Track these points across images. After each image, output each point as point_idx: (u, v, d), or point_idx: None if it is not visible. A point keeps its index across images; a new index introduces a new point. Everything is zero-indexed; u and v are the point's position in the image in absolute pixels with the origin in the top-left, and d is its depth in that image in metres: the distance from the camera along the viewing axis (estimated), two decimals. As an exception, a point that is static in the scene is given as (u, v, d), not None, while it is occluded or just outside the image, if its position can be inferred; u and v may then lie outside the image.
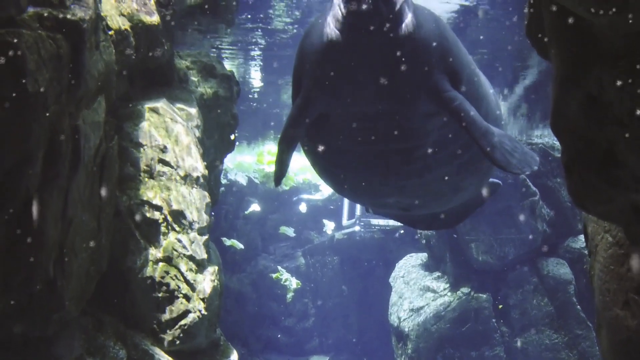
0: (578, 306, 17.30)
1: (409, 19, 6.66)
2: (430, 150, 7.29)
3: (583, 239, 16.93)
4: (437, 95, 6.86)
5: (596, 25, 3.49)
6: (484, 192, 9.48)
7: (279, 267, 22.69)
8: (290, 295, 22.37)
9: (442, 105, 6.91)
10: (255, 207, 23.01)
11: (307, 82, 7.08)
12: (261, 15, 13.28)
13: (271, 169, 23.61)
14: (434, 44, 6.86)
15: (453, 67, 7.09)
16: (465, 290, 17.96)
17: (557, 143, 18.15)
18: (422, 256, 20.10)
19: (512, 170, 6.94)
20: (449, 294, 18.19)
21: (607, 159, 3.67)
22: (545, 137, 19.46)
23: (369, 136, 7.11)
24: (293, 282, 22.31)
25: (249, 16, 13.04)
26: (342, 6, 6.43)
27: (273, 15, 13.40)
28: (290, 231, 22.60)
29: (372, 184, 7.81)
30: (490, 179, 9.26)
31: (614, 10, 3.24)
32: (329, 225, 23.79)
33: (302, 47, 7.23)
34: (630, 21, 3.21)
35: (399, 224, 22.12)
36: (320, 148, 7.57)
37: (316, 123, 7.27)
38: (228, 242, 20.29)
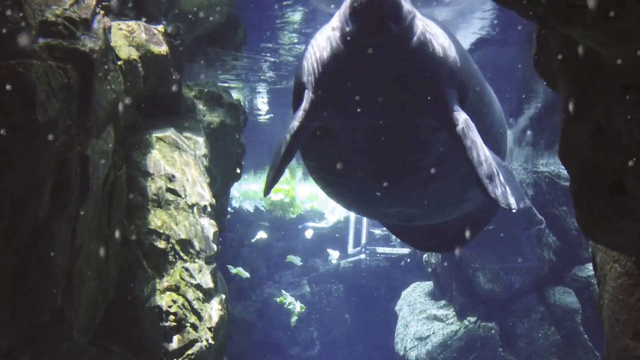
0: (585, 335, 17.23)
1: (418, 33, 6.54)
2: (435, 162, 7.20)
3: (590, 268, 16.93)
4: (443, 112, 6.75)
5: (604, 56, 3.52)
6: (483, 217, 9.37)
7: (283, 291, 22.67)
8: (294, 318, 22.33)
9: (446, 125, 6.80)
10: (262, 235, 23.02)
11: (310, 94, 6.96)
12: (269, 45, 13.35)
13: (278, 197, 23.68)
14: (444, 58, 6.74)
15: (461, 80, 6.98)
16: (471, 319, 17.90)
17: (563, 171, 18.22)
18: (428, 285, 20.05)
19: (501, 205, 6.77)
20: (456, 322, 18.12)
21: (616, 188, 3.68)
22: (551, 165, 19.50)
23: (373, 148, 7.05)
24: (297, 306, 22.29)
25: (257, 47, 13.11)
26: (349, 23, 6.29)
27: (280, 47, 13.47)
28: (297, 260, 22.62)
29: (374, 194, 7.73)
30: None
31: (622, 41, 3.26)
32: (334, 255, 23.78)
33: (306, 58, 7.10)
34: (639, 52, 3.23)
35: (405, 252, 22.21)
36: (320, 157, 7.53)
37: (317, 133, 7.19)
38: (233, 270, 20.27)
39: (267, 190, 7.68)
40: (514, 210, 6.82)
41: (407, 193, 7.69)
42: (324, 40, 6.79)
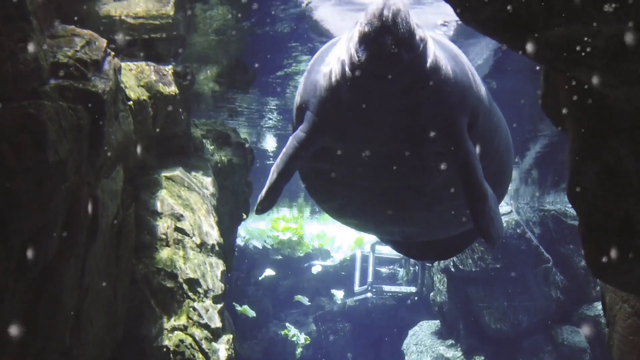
0: (594, 375, 17.10)
1: (430, 60, 6.25)
2: (440, 186, 7.02)
3: (598, 307, 16.84)
4: (451, 141, 6.55)
5: (612, 97, 3.55)
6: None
7: (287, 324, 22.58)
8: (299, 350, 22.22)
9: (451, 154, 6.59)
10: (269, 272, 22.99)
11: (314, 117, 6.72)
12: (278, 89, 13.42)
13: (286, 236, 23.68)
14: (456, 85, 6.48)
15: (472, 105, 6.74)
16: (479, 358, 17.78)
17: (570, 210, 18.21)
18: (435, 323, 19.95)
19: (489, 240, 6.68)
20: (463, 362, 18.03)
21: (625, 229, 3.69)
22: (557, 203, 19.48)
23: (377, 174, 6.85)
24: (301, 338, 22.18)
25: (265, 86, 13.19)
26: (359, 50, 5.95)
27: (288, 90, 13.54)
28: (305, 300, 22.57)
29: (376, 215, 7.57)
30: None
31: (630, 83, 3.29)
32: (338, 295, 23.72)
33: (311, 81, 6.80)
34: (646, 94, 3.26)
35: (412, 290, 22.14)
36: (319, 179, 7.33)
37: (318, 154, 6.92)
38: (239, 308, 20.22)
39: (262, 211, 7.33)
40: (493, 246, 6.81)
41: (410, 215, 7.55)
42: (331, 63, 6.54)
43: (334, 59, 6.53)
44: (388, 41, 5.78)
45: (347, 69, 6.24)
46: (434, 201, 7.26)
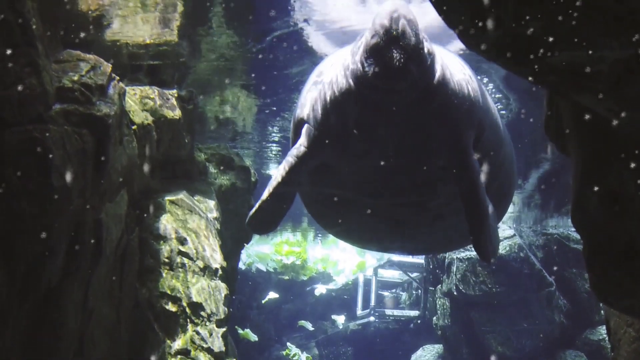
0: (599, 400, 17.02)
1: (438, 74, 6.02)
2: (444, 201, 6.83)
3: (601, 331, 16.79)
4: (456, 155, 6.35)
5: (616, 121, 3.56)
6: None
7: (288, 344, 22.50)
8: None
9: (455, 167, 6.39)
10: (273, 295, 22.95)
11: (314, 131, 6.48)
12: (281, 114, 13.46)
13: (289, 260, 23.68)
14: (463, 99, 6.29)
15: (479, 119, 6.56)
16: (483, 382, 17.72)
17: (573, 233, 18.20)
18: (438, 348, 19.88)
19: (484, 258, 6.55)
20: (467, 387, 17.96)
21: (630, 253, 3.69)
22: (560, 227, 19.47)
23: (379, 189, 6.65)
24: (303, 357, 22.10)
25: (267, 111, 13.23)
26: (366, 63, 5.71)
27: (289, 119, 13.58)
28: (308, 325, 22.52)
29: (378, 232, 7.39)
30: None
31: (633, 107, 3.31)
32: (339, 320, 23.66)
33: (312, 94, 6.58)
34: (650, 118, 3.28)
35: (414, 314, 22.07)
36: (318, 194, 7.12)
37: (317, 169, 6.71)
38: (241, 332, 20.17)
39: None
40: (488, 264, 6.65)
41: (413, 231, 7.36)
42: (334, 76, 6.25)
43: (337, 72, 6.27)
44: (397, 53, 5.53)
45: (351, 81, 6.00)
46: (437, 218, 7.10)
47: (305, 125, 6.61)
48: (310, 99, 6.60)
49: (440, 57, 6.16)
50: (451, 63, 6.42)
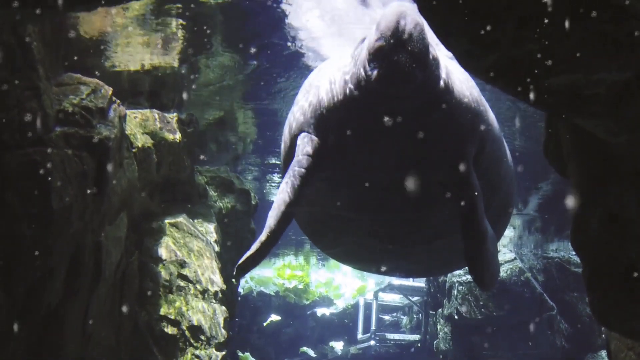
0: None
1: (443, 80, 5.71)
2: (442, 218, 6.50)
3: (602, 355, 16.70)
4: (457, 170, 5.98)
5: (615, 143, 3.56)
6: None
7: None
8: None
9: (455, 185, 6.07)
10: (274, 317, 22.88)
11: (315, 138, 6.08)
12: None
13: (292, 284, 23.63)
14: (467, 107, 5.99)
15: (481, 129, 6.24)
16: (484, 408, 17.62)
17: (573, 257, 18.16)
18: (439, 372, 19.79)
19: (481, 285, 6.26)
20: (468, 411, 17.84)
21: (630, 275, 3.68)
22: (561, 251, 19.43)
23: (378, 205, 6.32)
24: None
25: (268, 132, 13.27)
26: (369, 68, 5.39)
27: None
28: (310, 352, 22.45)
29: (372, 250, 7.03)
30: None
31: (632, 129, 3.32)
32: (337, 346, 23.56)
33: (310, 103, 6.19)
34: (649, 141, 3.28)
35: (415, 338, 21.97)
36: (316, 213, 6.77)
37: (313, 186, 6.23)
38: (242, 355, 20.09)
39: (241, 267, 6.09)
40: (486, 291, 6.37)
41: (410, 250, 7.04)
42: (333, 83, 5.92)
43: (336, 78, 5.93)
44: (403, 57, 5.21)
45: (352, 87, 5.67)
46: (435, 236, 6.81)
47: (305, 135, 6.19)
48: (306, 108, 6.22)
49: (444, 64, 5.87)
50: (454, 70, 6.08)
